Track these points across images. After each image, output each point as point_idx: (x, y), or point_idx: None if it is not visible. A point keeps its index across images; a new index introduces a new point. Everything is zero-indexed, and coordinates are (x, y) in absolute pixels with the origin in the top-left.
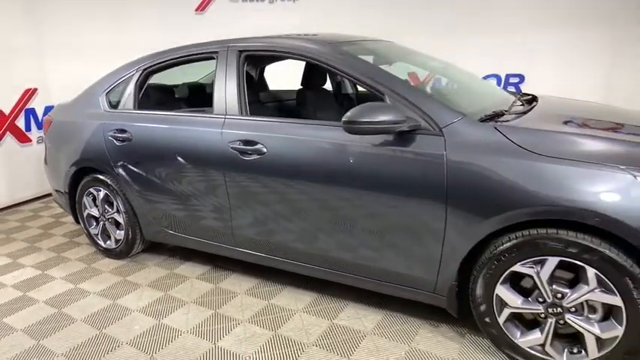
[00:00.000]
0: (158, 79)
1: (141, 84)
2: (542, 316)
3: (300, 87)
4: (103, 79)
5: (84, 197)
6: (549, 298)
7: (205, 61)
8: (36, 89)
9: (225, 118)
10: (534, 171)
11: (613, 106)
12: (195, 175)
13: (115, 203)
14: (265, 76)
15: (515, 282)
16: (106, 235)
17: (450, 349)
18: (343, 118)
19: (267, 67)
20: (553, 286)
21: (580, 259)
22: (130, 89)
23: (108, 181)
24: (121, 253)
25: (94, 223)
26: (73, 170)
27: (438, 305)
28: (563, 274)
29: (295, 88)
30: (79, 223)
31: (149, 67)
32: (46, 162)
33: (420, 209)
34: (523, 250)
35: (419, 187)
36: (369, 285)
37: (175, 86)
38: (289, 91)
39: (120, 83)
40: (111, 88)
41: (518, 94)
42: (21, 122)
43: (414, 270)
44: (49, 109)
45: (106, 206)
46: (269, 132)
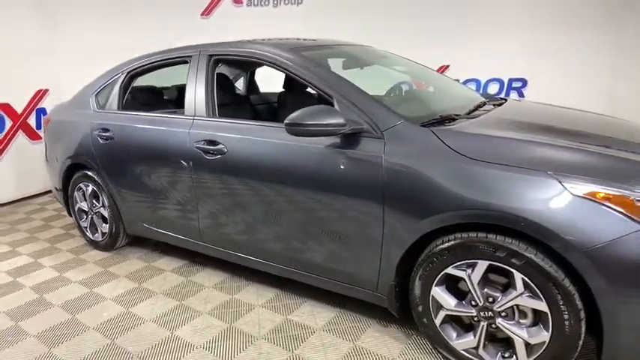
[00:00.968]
0: (157, 82)
1: (125, 86)
2: (475, 319)
3: (282, 90)
4: (94, 81)
5: (75, 192)
6: (481, 302)
7: None
8: (47, 90)
9: (193, 119)
10: (465, 174)
11: (590, 114)
12: (166, 172)
13: (101, 198)
14: (256, 78)
15: (453, 285)
16: (94, 228)
17: (393, 349)
18: (286, 121)
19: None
20: (485, 290)
21: (508, 264)
22: (116, 91)
23: (94, 177)
24: (106, 245)
25: (85, 217)
26: (65, 166)
27: (380, 304)
28: (498, 279)
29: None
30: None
31: (133, 70)
32: (46, 159)
33: (360, 210)
34: (455, 252)
35: (360, 188)
36: (318, 282)
37: (165, 88)
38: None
39: (107, 85)
40: (100, 89)
41: (490, 98)
42: (32, 121)
43: (357, 269)
44: None
45: (93, 201)
46: (229, 133)
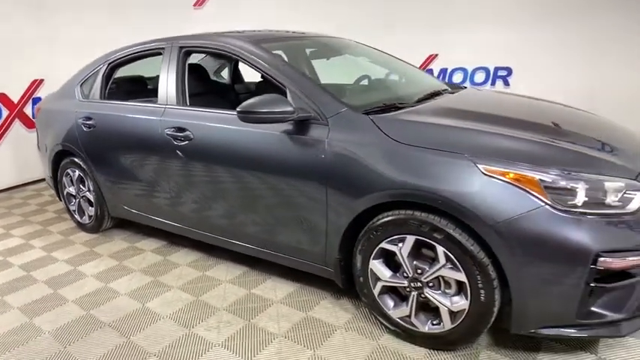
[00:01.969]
0: (146, 72)
1: (107, 76)
2: (407, 290)
3: (261, 79)
4: (79, 71)
5: (63, 177)
6: (411, 273)
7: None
8: (43, 80)
9: (165, 108)
10: (394, 157)
11: (545, 104)
12: (141, 157)
13: (87, 183)
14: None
15: (392, 259)
16: (82, 211)
17: (341, 318)
18: (237, 108)
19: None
20: (415, 263)
21: (431, 238)
22: (98, 81)
23: (80, 163)
24: (93, 227)
25: (73, 201)
26: (54, 153)
27: (329, 277)
28: (428, 253)
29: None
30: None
31: (114, 61)
32: (38, 147)
33: (308, 191)
34: (388, 228)
35: (308, 171)
36: (275, 259)
37: (150, 78)
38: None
39: (91, 75)
40: (84, 79)
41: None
42: (28, 110)
43: (308, 245)
44: None
45: (80, 186)
46: (196, 120)
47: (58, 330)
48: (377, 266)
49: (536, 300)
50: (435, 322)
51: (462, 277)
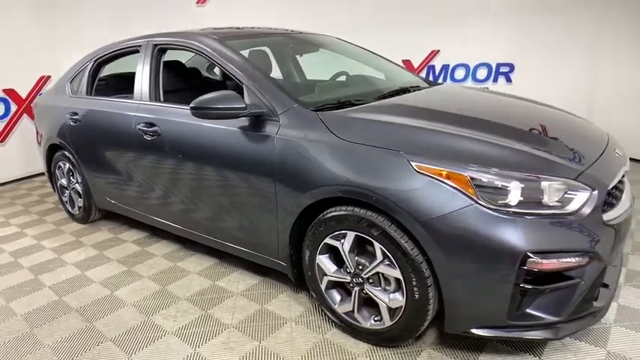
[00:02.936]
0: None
1: (93, 73)
2: (350, 285)
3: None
4: (70, 68)
5: (56, 170)
6: (352, 269)
7: (183, 51)
8: (49, 76)
9: (139, 104)
10: (337, 154)
11: (524, 103)
12: (118, 151)
13: (75, 175)
14: None
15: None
16: (72, 202)
17: (294, 312)
18: (191, 104)
19: None
20: (356, 259)
21: (368, 234)
22: (85, 77)
23: (69, 156)
24: (82, 218)
25: (65, 192)
26: (47, 146)
27: (282, 271)
28: (370, 249)
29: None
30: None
31: (99, 58)
32: (38, 142)
33: (260, 186)
34: (330, 224)
35: (259, 166)
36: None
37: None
38: None
39: (80, 72)
40: (74, 76)
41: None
42: None
43: (263, 238)
44: None
45: (70, 178)
46: (163, 116)
47: (30, 313)
48: (323, 261)
49: (467, 300)
50: (377, 319)
51: (397, 273)
